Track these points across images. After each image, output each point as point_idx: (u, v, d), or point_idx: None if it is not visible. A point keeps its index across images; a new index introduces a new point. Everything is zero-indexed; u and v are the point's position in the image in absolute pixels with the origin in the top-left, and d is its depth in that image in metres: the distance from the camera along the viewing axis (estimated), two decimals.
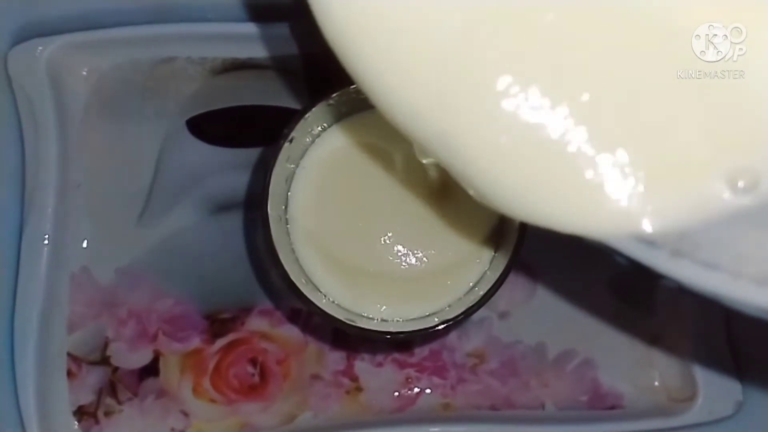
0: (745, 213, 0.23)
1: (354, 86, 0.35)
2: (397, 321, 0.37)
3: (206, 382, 0.43)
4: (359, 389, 0.43)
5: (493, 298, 0.36)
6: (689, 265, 0.23)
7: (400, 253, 0.38)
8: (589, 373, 0.44)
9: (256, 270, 0.44)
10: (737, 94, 0.25)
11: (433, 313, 0.37)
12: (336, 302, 0.38)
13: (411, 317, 0.37)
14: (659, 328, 0.44)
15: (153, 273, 0.44)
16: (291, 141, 0.35)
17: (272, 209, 0.35)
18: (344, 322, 0.35)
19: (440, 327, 0.35)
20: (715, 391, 0.43)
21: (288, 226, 0.38)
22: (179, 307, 0.43)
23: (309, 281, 0.38)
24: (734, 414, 0.43)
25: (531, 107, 0.24)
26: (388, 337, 0.34)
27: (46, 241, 0.42)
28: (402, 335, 0.35)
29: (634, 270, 0.43)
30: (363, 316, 0.38)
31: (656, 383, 0.44)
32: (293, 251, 0.38)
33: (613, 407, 0.44)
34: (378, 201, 0.39)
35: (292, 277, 0.34)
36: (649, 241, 0.23)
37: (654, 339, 0.44)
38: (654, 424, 0.43)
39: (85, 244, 0.44)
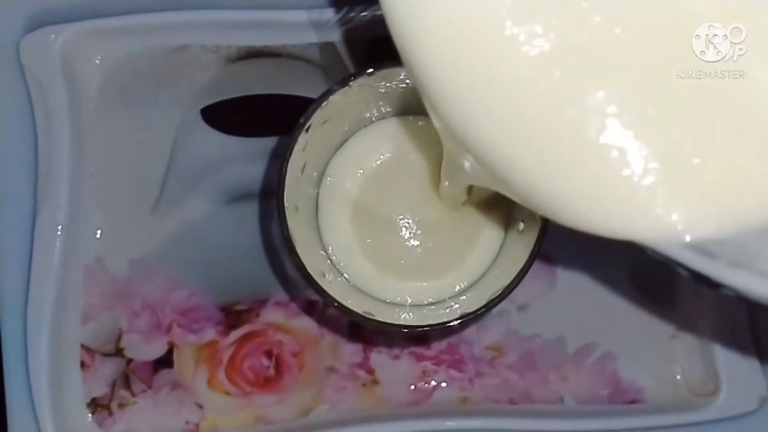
0: None
1: (370, 72, 0.34)
2: (417, 305, 0.38)
3: (221, 374, 0.43)
4: (375, 382, 0.43)
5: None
6: (746, 275, 0.24)
7: (416, 237, 0.40)
8: (609, 367, 0.43)
9: (271, 261, 0.43)
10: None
11: (452, 296, 0.39)
12: (355, 284, 0.39)
13: (430, 299, 0.39)
14: (681, 321, 0.43)
15: (167, 264, 0.43)
16: (307, 130, 0.34)
17: (288, 200, 0.34)
18: (361, 315, 0.34)
19: (459, 321, 0.34)
20: (739, 386, 0.42)
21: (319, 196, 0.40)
22: (194, 299, 0.43)
23: (330, 268, 0.37)
24: (758, 409, 0.42)
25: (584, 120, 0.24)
26: (405, 331, 0.34)
27: (59, 232, 0.42)
28: (420, 329, 0.34)
29: (655, 262, 0.43)
30: (379, 299, 0.39)
31: (678, 377, 0.43)
32: (318, 234, 0.39)
33: (633, 401, 0.43)
34: (400, 194, 0.41)
35: (309, 269, 0.34)
36: (709, 254, 0.24)
37: (676, 332, 0.43)
38: (675, 419, 0.42)
39: (98, 235, 0.43)
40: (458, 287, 0.40)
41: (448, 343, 0.43)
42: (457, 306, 0.37)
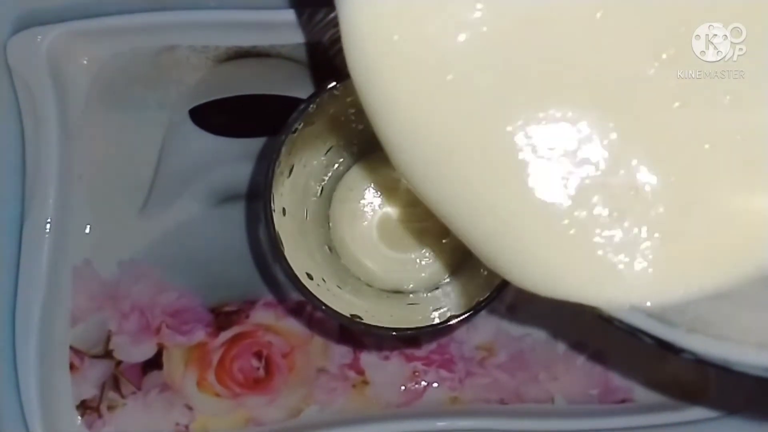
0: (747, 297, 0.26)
1: None
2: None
3: (210, 376, 0.43)
4: (365, 383, 0.43)
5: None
6: (703, 339, 0.25)
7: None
8: (599, 367, 0.43)
9: (260, 262, 0.43)
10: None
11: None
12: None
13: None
14: None
15: (156, 265, 0.43)
16: (294, 132, 0.34)
17: (275, 203, 0.34)
18: (349, 318, 0.34)
19: (446, 324, 0.34)
20: (728, 385, 0.42)
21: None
22: (183, 300, 0.43)
23: (318, 270, 0.37)
24: (747, 408, 0.42)
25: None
26: (394, 334, 0.34)
27: (47, 234, 0.42)
28: (408, 332, 0.34)
29: None
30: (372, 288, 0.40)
31: (668, 376, 0.43)
32: (307, 235, 0.39)
33: (623, 401, 0.43)
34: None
35: (296, 272, 0.34)
36: (669, 323, 0.26)
37: None
38: (665, 418, 0.42)
39: (87, 236, 0.43)
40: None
41: (438, 343, 0.43)
42: (446, 309, 0.37)
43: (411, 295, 0.41)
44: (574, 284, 0.26)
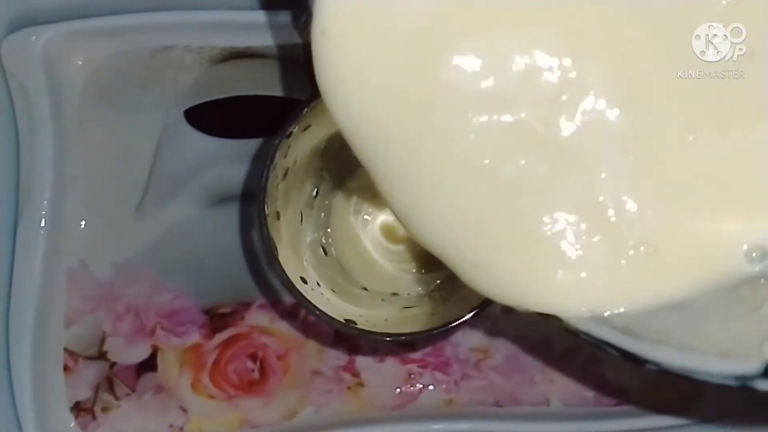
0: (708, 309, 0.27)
1: None
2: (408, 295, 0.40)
3: (205, 378, 0.43)
4: (360, 385, 0.43)
5: None
6: (666, 349, 0.26)
7: None
8: (595, 369, 0.43)
9: (255, 264, 0.43)
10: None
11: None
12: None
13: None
14: None
15: (151, 266, 0.43)
16: (289, 136, 0.34)
17: (269, 207, 0.34)
18: (343, 324, 0.34)
19: (443, 329, 0.34)
20: (724, 389, 0.42)
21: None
22: (178, 302, 0.43)
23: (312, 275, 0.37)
24: (743, 411, 0.42)
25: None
26: (388, 339, 0.34)
27: (41, 235, 0.42)
28: (403, 337, 0.34)
29: None
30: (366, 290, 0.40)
31: (663, 380, 0.43)
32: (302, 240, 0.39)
33: (619, 404, 0.43)
34: None
35: (290, 276, 0.34)
36: (633, 334, 0.26)
37: None
38: (661, 421, 0.42)
39: (81, 237, 0.43)
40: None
41: (433, 346, 0.43)
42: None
43: (406, 298, 0.41)
44: (531, 293, 0.27)
